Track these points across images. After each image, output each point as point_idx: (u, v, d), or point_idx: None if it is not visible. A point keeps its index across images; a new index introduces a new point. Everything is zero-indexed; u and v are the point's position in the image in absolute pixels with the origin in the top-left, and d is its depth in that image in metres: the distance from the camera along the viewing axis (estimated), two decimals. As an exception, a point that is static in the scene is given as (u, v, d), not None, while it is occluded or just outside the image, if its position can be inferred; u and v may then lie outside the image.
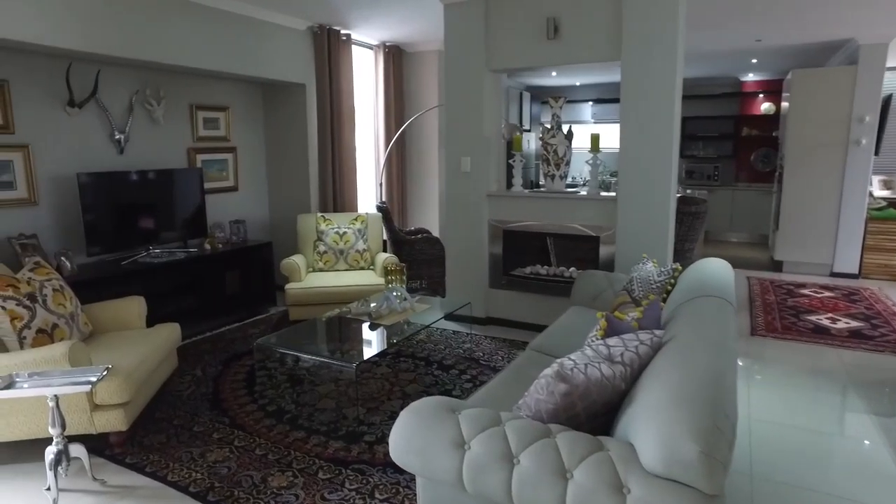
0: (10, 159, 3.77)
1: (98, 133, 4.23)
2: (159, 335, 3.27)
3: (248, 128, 5.48)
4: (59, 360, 2.55)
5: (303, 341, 3.32)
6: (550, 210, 4.38)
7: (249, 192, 5.54)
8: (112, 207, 4.18)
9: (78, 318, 3.09)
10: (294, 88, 5.40)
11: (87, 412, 2.68)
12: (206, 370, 3.79)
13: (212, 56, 4.44)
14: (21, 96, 3.78)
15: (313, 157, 5.51)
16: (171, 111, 4.71)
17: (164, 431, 2.99)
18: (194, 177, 4.77)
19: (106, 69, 4.17)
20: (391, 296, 3.52)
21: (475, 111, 4.50)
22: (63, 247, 3.91)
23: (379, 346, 3.30)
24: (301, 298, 4.40)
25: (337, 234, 4.86)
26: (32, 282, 2.92)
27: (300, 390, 3.45)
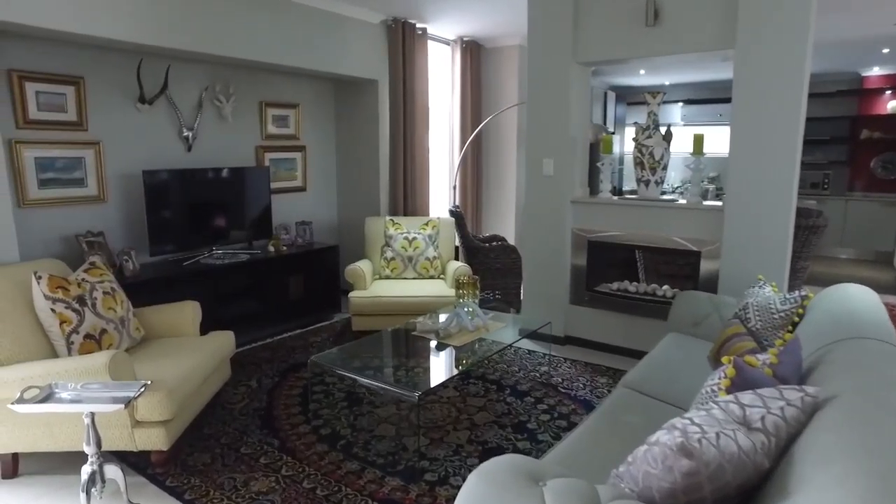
0: (81, 156, 3.70)
1: (167, 130, 4.13)
2: (212, 344, 3.06)
3: (319, 126, 5.28)
4: (99, 370, 2.36)
5: (361, 360, 3.00)
6: (643, 220, 3.87)
7: (317, 193, 5.34)
8: (177, 206, 4.06)
9: (129, 323, 2.92)
10: (366, 85, 5.16)
11: (127, 427, 2.47)
12: (261, 381, 3.56)
13: (282, 51, 4.25)
14: (94, 93, 3.71)
15: (384, 157, 5.25)
16: (241, 108, 4.56)
17: (210, 450, 2.76)
18: (262, 176, 4.60)
19: (176, 65, 4.06)
20: (462, 312, 3.15)
21: (559, 108, 4.06)
22: (128, 246, 3.81)
23: (446, 370, 2.94)
24: (365, 308, 4.11)
25: (406, 239, 4.55)
26: (83, 284, 2.76)
27: (357, 412, 3.14)
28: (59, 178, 3.62)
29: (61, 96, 3.58)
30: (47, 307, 2.59)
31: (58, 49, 3.52)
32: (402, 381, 2.76)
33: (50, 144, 3.55)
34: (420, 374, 2.87)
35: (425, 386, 2.67)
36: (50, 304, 2.59)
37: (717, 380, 1.66)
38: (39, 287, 2.59)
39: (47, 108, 3.53)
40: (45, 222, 3.57)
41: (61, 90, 3.57)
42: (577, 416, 3.12)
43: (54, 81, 3.53)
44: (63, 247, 3.63)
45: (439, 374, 2.92)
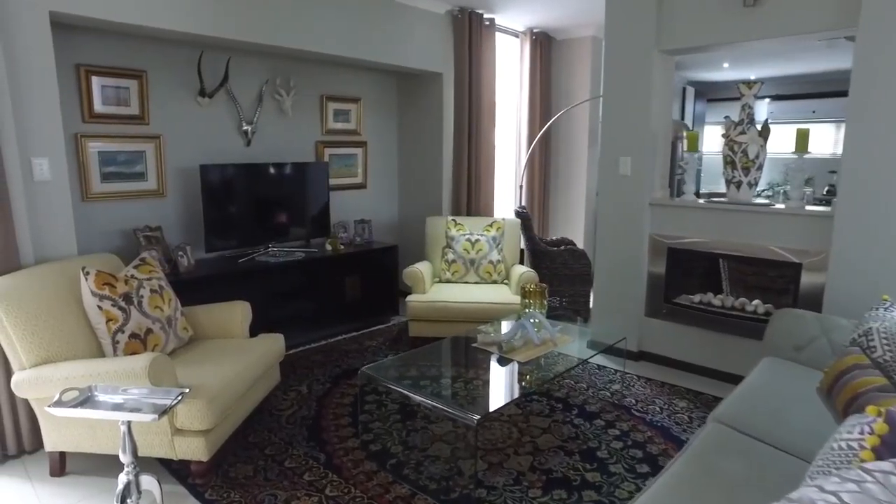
0: (143, 150, 3.67)
1: (226, 124, 4.05)
2: (260, 348, 2.91)
3: (380, 121, 5.11)
4: (138, 374, 2.23)
5: (415, 373, 2.76)
6: (732, 225, 3.44)
7: (378, 191, 5.17)
8: (234, 202, 3.97)
9: (176, 323, 2.81)
10: (430, 78, 4.94)
11: (167, 435, 2.34)
12: (312, 387, 3.40)
13: (345, 42, 4.08)
14: (156, 87, 3.66)
15: (448, 154, 5.01)
16: (301, 102, 4.44)
17: (253, 461, 2.59)
18: (321, 172, 4.47)
19: (237, 58, 3.97)
20: (527, 324, 2.85)
21: (639, 102, 3.69)
22: (184, 241, 3.74)
23: (508, 390, 2.66)
24: (423, 313, 3.88)
25: (469, 241, 4.29)
26: (131, 281, 2.67)
27: (410, 427, 2.91)
28: (120, 172, 3.59)
29: (125, 90, 3.54)
30: (94, 304, 2.50)
31: (122, 43, 3.48)
32: (460, 400, 2.50)
33: (113, 138, 3.52)
34: (479, 392, 2.60)
35: (485, 408, 2.40)
36: (97, 301, 2.50)
37: (858, 435, 1.30)
38: (87, 283, 2.51)
39: (111, 102, 3.50)
40: (105, 216, 3.55)
41: (125, 84, 3.53)
42: (655, 445, 2.76)
43: (118, 75, 3.50)
44: (122, 241, 3.60)
45: (501, 393, 2.65)
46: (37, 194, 2.79)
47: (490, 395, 2.57)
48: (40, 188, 2.81)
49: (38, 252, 2.79)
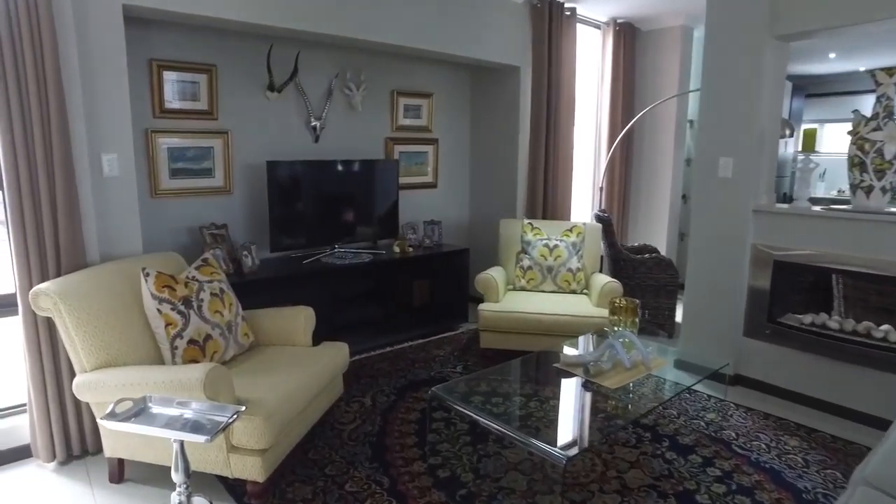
0: (211, 146, 3.58)
1: (294, 120, 3.92)
2: (323, 358, 2.72)
3: (453, 117, 4.87)
4: (194, 386, 2.07)
5: (490, 395, 2.48)
6: (858, 237, 2.97)
7: (448, 190, 4.94)
8: (300, 200, 3.83)
9: (236, 328, 2.66)
10: (506, 72, 4.65)
11: (223, 451, 2.17)
12: (376, 399, 3.19)
13: (418, 34, 3.86)
14: (225, 81, 3.57)
15: (523, 153, 4.71)
16: (371, 97, 4.26)
17: (312, 482, 2.40)
18: (390, 170, 4.27)
19: (306, 51, 3.83)
20: (617, 344, 2.52)
21: (747, 95, 3.27)
22: (249, 240, 3.63)
23: (597, 421, 2.33)
24: (496, 324, 3.60)
25: (546, 246, 3.97)
26: (191, 283, 2.53)
27: (482, 451, 2.64)
28: (188, 169, 3.51)
29: (195, 84, 3.46)
30: (154, 307, 2.38)
31: (193, 37, 3.40)
32: (542, 431, 2.20)
33: (182, 133, 3.45)
34: (564, 421, 2.30)
35: (573, 443, 2.09)
36: (156, 304, 2.38)
37: None
38: (147, 285, 2.39)
39: (181, 97, 3.43)
40: (173, 213, 3.48)
41: (195, 78, 3.45)
42: (766, 493, 2.37)
43: (189, 70, 3.42)
44: (188, 238, 3.52)
45: (591, 428, 2.32)
46: (105, 191, 2.72)
47: (577, 427, 2.26)
48: (109, 184, 2.73)
49: (104, 250, 2.71)
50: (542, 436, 2.16)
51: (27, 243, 2.41)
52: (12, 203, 2.37)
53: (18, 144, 2.35)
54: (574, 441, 2.15)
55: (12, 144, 2.34)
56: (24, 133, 2.36)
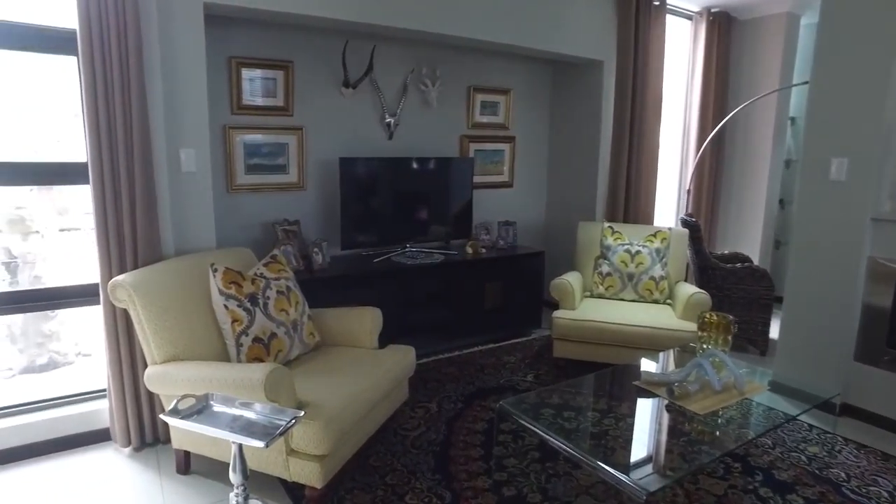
0: (285, 142, 3.60)
1: (369, 116, 3.87)
2: (388, 362, 2.64)
3: (531, 115, 4.68)
4: (255, 387, 2.03)
5: (563, 413, 2.30)
6: None
7: (525, 190, 4.75)
8: (373, 197, 3.79)
9: (302, 328, 2.62)
10: (589, 67, 4.41)
11: (282, 454, 2.12)
12: (442, 405, 3.08)
13: (497, 28, 3.71)
14: (300, 77, 3.57)
15: (605, 152, 4.45)
16: (447, 93, 4.15)
17: (372, 490, 2.32)
18: (465, 169, 4.15)
19: (382, 46, 3.77)
20: (706, 364, 2.27)
21: (870, 87, 2.89)
22: (320, 237, 3.62)
23: (682, 450, 2.09)
24: (571, 332, 3.40)
25: (627, 252, 3.72)
26: (258, 280, 2.51)
27: (552, 470, 2.47)
28: (263, 164, 3.54)
29: (272, 81, 3.48)
30: (221, 303, 2.38)
31: (271, 34, 3.42)
32: (619, 456, 2.00)
33: (257, 129, 3.48)
34: (644, 448, 2.09)
35: (653, 473, 1.88)
36: (223, 300, 2.37)
37: None
38: (215, 281, 2.39)
39: (258, 94, 3.46)
40: (247, 208, 3.52)
41: (272, 75, 3.47)
42: (883, 545, 2.05)
43: (266, 66, 3.44)
44: (261, 233, 3.55)
45: (676, 460, 2.09)
46: (181, 186, 2.76)
47: (658, 456, 2.04)
48: (185, 179, 2.77)
49: (179, 243, 2.76)
50: (618, 460, 1.96)
51: (108, 236, 2.48)
52: (96, 196, 2.44)
53: (104, 140, 2.41)
54: (655, 470, 1.93)
55: (98, 140, 2.40)
56: (108, 129, 2.42)
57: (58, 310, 3.71)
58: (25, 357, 3.71)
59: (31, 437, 2.59)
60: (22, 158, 2.85)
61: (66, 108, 2.78)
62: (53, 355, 3.76)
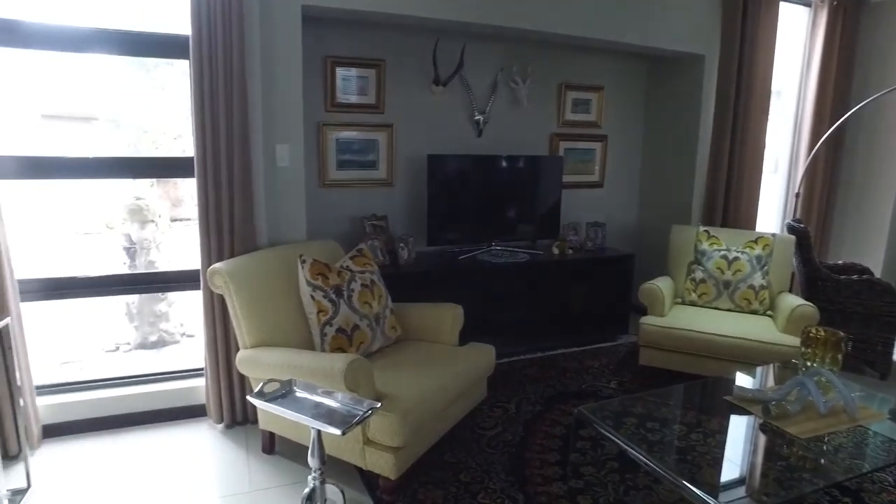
0: (376, 138, 3.69)
1: (458, 114, 3.89)
2: (468, 359, 2.64)
3: (624, 112, 4.50)
4: (335, 376, 2.09)
5: (646, 423, 2.19)
6: None
7: (615, 191, 4.58)
8: (460, 194, 3.80)
9: (384, 321, 2.67)
10: (688, 62, 4.17)
11: (359, 443, 2.18)
12: (520, 407, 3.04)
13: (589, 22, 3.60)
14: (391, 76, 3.64)
15: (703, 152, 4.20)
16: (537, 91, 4.08)
17: (444, 486, 2.32)
18: (555, 167, 4.07)
19: (472, 44, 3.76)
20: (810, 383, 2.08)
21: None
22: (407, 232, 3.68)
23: (778, 475, 1.92)
24: (659, 340, 3.24)
25: (724, 258, 3.49)
26: (343, 273, 2.59)
27: (630, 482, 2.36)
28: (353, 161, 3.65)
29: (364, 79, 3.58)
30: (308, 293, 2.47)
31: (364, 33, 3.51)
32: (706, 475, 1.87)
33: (349, 126, 3.59)
34: (733, 469, 1.94)
35: (747, 501, 1.74)
36: (310, 290, 2.47)
37: None
38: (303, 272, 2.49)
39: (351, 92, 3.56)
40: (338, 202, 3.64)
41: (364, 73, 3.57)
42: None
43: (359, 65, 3.54)
44: (350, 227, 3.66)
45: (766, 479, 1.93)
46: (276, 180, 2.90)
47: (752, 479, 1.89)
48: (280, 174, 2.91)
49: (272, 235, 2.90)
50: (706, 479, 1.83)
51: (209, 225, 2.65)
52: (200, 189, 2.62)
53: (208, 137, 2.58)
54: (748, 494, 1.79)
55: (203, 137, 2.57)
56: (212, 126, 2.58)
57: (167, 292, 4.04)
58: (140, 334, 4.07)
59: (138, 406, 2.83)
60: (142, 154, 3.10)
61: (185, 107, 3.01)
62: (163, 334, 4.10)
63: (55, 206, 4.24)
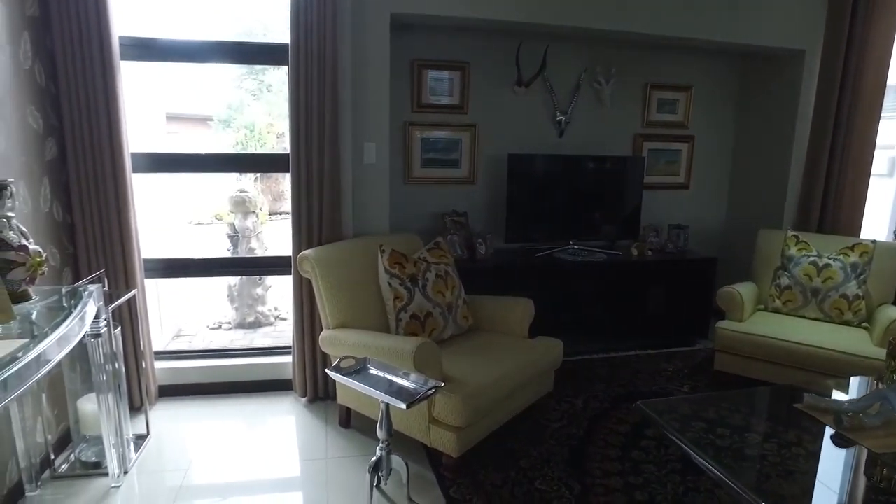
0: (459, 138, 3.84)
1: (540, 114, 3.96)
2: (535, 352, 2.73)
3: (714, 112, 4.35)
4: (406, 356, 2.26)
5: (711, 426, 2.17)
6: None
7: (701, 193, 4.45)
8: (539, 193, 3.87)
9: (457, 310, 2.81)
10: (786, 59, 3.98)
11: (425, 420, 2.34)
12: (588, 403, 3.08)
13: (677, 20, 3.54)
14: (475, 77, 3.78)
15: (800, 153, 3.99)
16: (621, 91, 4.06)
17: (504, 470, 2.43)
18: (636, 168, 4.04)
19: (555, 45, 3.81)
20: (891, 395, 1.98)
21: None
22: (486, 229, 3.81)
23: (844, 488, 1.86)
24: (735, 345, 3.16)
25: (813, 265, 3.33)
26: (420, 263, 2.76)
27: (691, 484, 2.35)
28: (437, 159, 3.82)
29: (449, 81, 3.74)
30: (386, 280, 2.67)
31: (449, 37, 3.67)
32: (774, 486, 1.83)
33: (434, 126, 3.77)
34: (798, 480, 1.90)
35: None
36: (388, 277, 2.66)
37: None
38: (382, 260, 2.68)
39: (436, 93, 3.74)
40: (421, 198, 3.82)
41: (450, 76, 3.73)
42: None
43: (445, 68, 3.71)
44: (432, 222, 3.82)
45: (833, 493, 1.87)
46: (363, 175, 3.12)
47: (815, 491, 1.84)
48: (366, 170, 3.13)
49: (357, 226, 3.13)
50: (769, 492, 1.81)
51: (300, 215, 2.91)
52: (294, 182, 2.89)
53: (302, 135, 2.84)
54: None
55: (297, 135, 2.84)
56: (306, 126, 2.84)
57: (264, 277, 4.43)
58: (239, 315, 4.48)
59: (236, 377, 3.16)
60: (248, 150, 3.45)
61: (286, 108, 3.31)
62: (259, 316, 4.49)
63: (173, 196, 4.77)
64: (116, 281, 2.72)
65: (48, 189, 2.53)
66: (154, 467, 2.47)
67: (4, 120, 2.22)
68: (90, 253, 2.69)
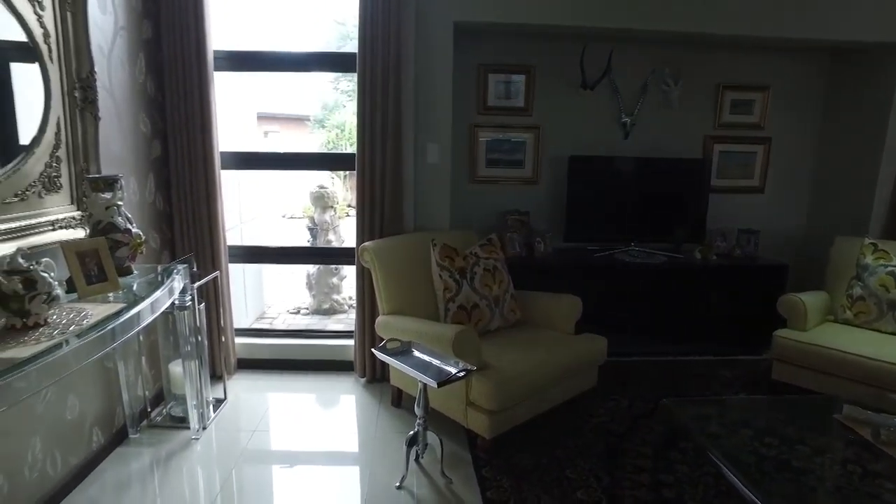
0: (524, 139, 3.96)
1: (605, 116, 3.99)
2: (575, 346, 2.82)
3: (793, 112, 4.15)
4: (446, 342, 2.45)
5: (743, 433, 2.17)
6: None
7: (777, 197, 4.26)
8: (601, 194, 3.91)
9: (504, 303, 2.96)
10: (878, 54, 3.74)
11: (463, 403, 2.51)
12: (634, 403, 3.11)
13: (752, 18, 3.46)
14: (540, 80, 3.88)
15: (891, 157, 3.74)
16: (691, 92, 3.99)
17: (537, 457, 2.56)
18: (702, 171, 3.97)
19: (622, 47, 3.82)
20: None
21: None
22: (547, 228, 3.90)
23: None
24: (794, 355, 3.07)
25: (891, 275, 3.14)
26: (469, 258, 2.93)
27: (723, 488, 2.36)
28: (502, 159, 3.97)
29: (514, 84, 3.88)
30: (437, 272, 2.87)
31: (514, 42, 3.79)
32: (803, 498, 1.83)
33: (499, 128, 3.92)
34: (831, 496, 1.88)
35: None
36: (439, 270, 2.86)
37: None
38: (434, 253, 2.88)
39: (501, 96, 3.88)
40: (485, 197, 3.98)
41: (515, 79, 3.86)
42: None
43: (510, 71, 3.85)
44: (495, 220, 3.96)
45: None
46: (426, 175, 3.34)
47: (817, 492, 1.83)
48: (429, 169, 3.35)
49: (419, 222, 3.36)
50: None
51: (364, 209, 3.18)
52: (359, 180, 3.16)
53: (366, 136, 3.10)
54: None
55: (363, 136, 3.10)
56: (371, 127, 3.10)
57: (339, 266, 4.77)
58: (316, 301, 4.86)
59: (305, 356, 3.50)
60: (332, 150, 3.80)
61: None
62: (334, 304, 4.85)
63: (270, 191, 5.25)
64: (204, 263, 3.11)
65: (153, 183, 2.96)
66: (229, 426, 2.83)
67: (121, 126, 2.64)
68: (184, 238, 3.10)
